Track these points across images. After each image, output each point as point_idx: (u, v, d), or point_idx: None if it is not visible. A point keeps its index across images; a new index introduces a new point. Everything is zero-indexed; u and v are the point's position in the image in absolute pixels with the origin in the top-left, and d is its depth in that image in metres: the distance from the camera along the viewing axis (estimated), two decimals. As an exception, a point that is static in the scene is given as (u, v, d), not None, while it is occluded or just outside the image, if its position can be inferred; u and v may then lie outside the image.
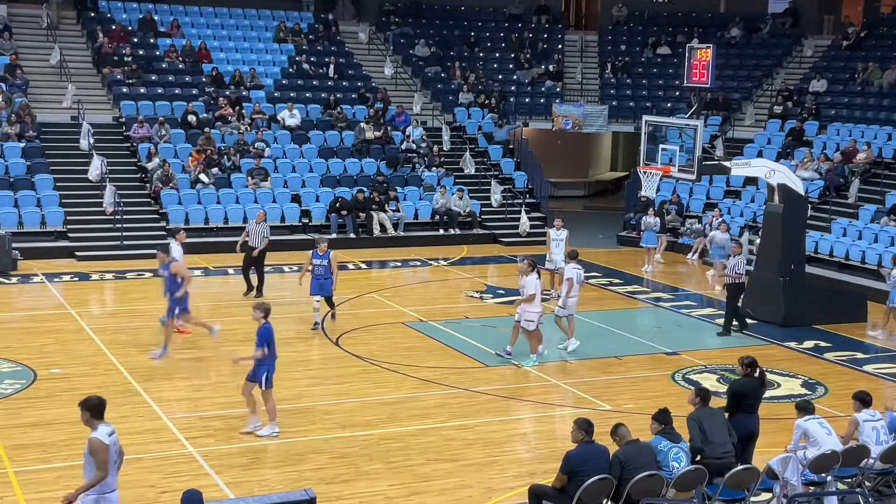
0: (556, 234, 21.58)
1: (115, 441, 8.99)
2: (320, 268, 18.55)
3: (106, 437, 8.86)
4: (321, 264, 18.56)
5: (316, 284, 18.61)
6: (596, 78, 37.03)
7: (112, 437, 8.95)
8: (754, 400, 11.70)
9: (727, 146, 31.56)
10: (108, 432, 8.93)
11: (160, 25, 33.47)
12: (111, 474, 8.89)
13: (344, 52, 35.16)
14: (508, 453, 13.12)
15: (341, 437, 13.45)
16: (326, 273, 18.55)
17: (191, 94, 30.82)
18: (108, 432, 8.94)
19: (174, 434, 13.32)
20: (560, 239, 21.47)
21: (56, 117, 28.91)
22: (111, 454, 8.87)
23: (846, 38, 35.05)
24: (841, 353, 18.56)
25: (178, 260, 18.16)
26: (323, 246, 18.74)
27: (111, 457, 8.88)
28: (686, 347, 18.24)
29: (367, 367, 16.71)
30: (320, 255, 18.61)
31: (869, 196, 27.43)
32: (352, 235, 27.61)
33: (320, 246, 18.77)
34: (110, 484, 8.89)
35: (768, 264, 21.03)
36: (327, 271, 18.56)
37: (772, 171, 21.12)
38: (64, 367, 16.13)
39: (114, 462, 8.94)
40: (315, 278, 18.58)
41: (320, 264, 18.58)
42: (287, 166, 29.12)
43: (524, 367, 16.73)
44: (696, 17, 39.01)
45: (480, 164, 31.75)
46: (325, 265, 18.54)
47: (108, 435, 8.90)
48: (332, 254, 18.76)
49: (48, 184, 26.23)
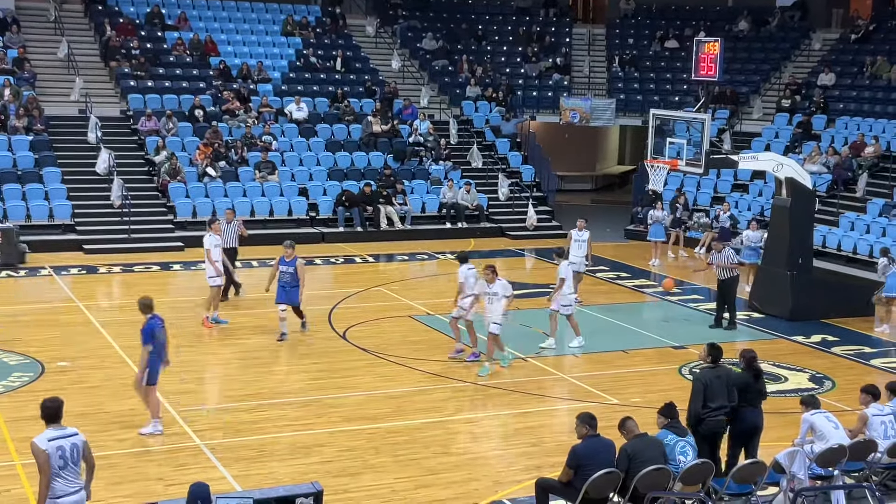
0: (578, 235, 20.98)
1: (64, 446, 8.71)
2: (286, 275, 17.30)
3: (44, 443, 8.63)
4: (287, 271, 17.31)
5: (282, 292, 17.37)
6: (603, 71, 36.97)
7: (57, 443, 8.68)
8: (753, 394, 11.61)
9: (735, 140, 31.50)
10: (49, 437, 8.69)
11: (168, 19, 33.48)
12: (58, 479, 8.63)
13: (351, 46, 35.15)
14: (515, 447, 13.12)
15: (348, 430, 13.47)
16: (293, 280, 17.30)
17: (198, 87, 30.83)
18: (51, 437, 8.69)
19: (182, 427, 13.34)
20: (582, 240, 20.90)
21: (64, 111, 28.95)
22: (53, 459, 8.60)
23: (855, 32, 34.94)
24: (848, 347, 18.53)
25: (213, 251, 18.31)
26: (290, 251, 17.44)
27: (53, 461, 8.59)
28: (693, 341, 18.19)
29: (373, 360, 16.72)
30: (287, 262, 17.38)
31: (877, 190, 27.35)
32: (359, 229, 27.63)
33: (287, 251, 17.47)
34: (56, 490, 8.63)
35: (776, 258, 20.99)
36: (294, 279, 17.29)
37: (779, 164, 21.07)
38: (72, 360, 16.16)
39: (60, 467, 8.64)
40: (281, 286, 17.34)
41: (286, 271, 17.33)
42: (294, 160, 29.13)
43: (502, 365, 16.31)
44: (704, 10, 38.90)
45: (488, 158, 31.74)
46: (291, 272, 17.27)
47: (48, 440, 8.65)
48: (300, 261, 17.48)
49: (56, 177, 26.27)
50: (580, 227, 21.07)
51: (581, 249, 20.77)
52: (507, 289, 16.01)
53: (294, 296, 17.39)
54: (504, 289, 15.95)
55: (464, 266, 17.01)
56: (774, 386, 16.01)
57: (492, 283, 15.94)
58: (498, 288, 15.90)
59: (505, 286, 15.99)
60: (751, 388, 11.54)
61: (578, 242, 20.89)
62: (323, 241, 26.95)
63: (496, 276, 16.00)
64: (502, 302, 15.92)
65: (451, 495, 11.54)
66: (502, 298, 15.87)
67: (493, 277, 15.91)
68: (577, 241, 20.91)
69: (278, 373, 15.90)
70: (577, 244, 20.87)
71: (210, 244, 18.44)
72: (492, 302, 15.94)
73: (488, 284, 15.98)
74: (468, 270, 16.85)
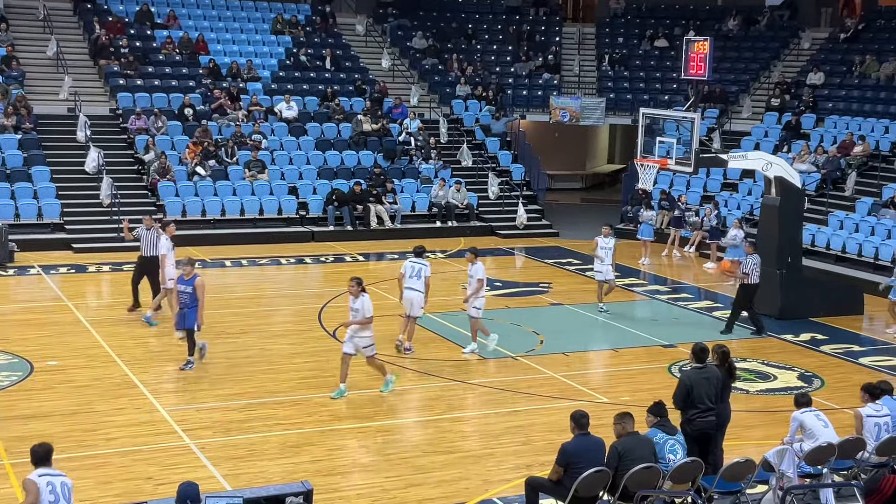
0: (605, 242, 19.92)
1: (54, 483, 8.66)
2: (185, 295, 15.44)
3: (36, 477, 8.62)
4: (185, 290, 15.44)
5: (178, 316, 15.69)
6: (593, 70, 37.00)
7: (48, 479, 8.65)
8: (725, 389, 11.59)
9: (724, 139, 31.57)
10: (40, 473, 8.66)
11: (157, 17, 33.39)
12: None
13: (341, 44, 35.12)
14: (505, 445, 13.13)
15: (338, 429, 13.47)
16: (192, 301, 15.39)
17: (188, 86, 30.76)
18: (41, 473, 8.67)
19: (171, 426, 13.32)
20: (609, 247, 19.85)
21: (53, 109, 28.85)
22: (44, 493, 8.55)
23: (844, 31, 35.04)
24: (837, 345, 18.59)
25: (168, 254, 17.99)
26: (188, 269, 15.50)
27: (44, 496, 8.54)
28: (682, 340, 18.22)
29: (363, 359, 16.67)
30: (185, 281, 15.47)
31: (866, 189, 27.44)
32: (349, 228, 27.60)
33: (185, 269, 15.58)
34: None
35: (765, 257, 20.98)
36: (192, 299, 15.38)
37: (769, 163, 21.12)
38: (61, 360, 16.12)
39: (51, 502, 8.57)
40: (180, 308, 15.62)
41: (185, 290, 15.45)
42: (284, 158, 29.10)
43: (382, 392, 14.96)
44: (694, 9, 38.97)
45: (478, 157, 31.74)
46: (189, 292, 15.38)
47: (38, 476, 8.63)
48: (200, 279, 15.46)
49: (45, 176, 26.20)
50: (605, 233, 20.14)
51: (608, 257, 19.86)
52: (367, 308, 14.30)
53: (191, 318, 15.45)
54: (363, 306, 14.27)
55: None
56: (763, 384, 16.08)
57: (356, 297, 14.33)
58: (359, 304, 14.32)
59: (364, 303, 14.27)
60: (725, 384, 11.59)
61: (605, 250, 19.89)
62: (313, 239, 26.93)
63: (362, 290, 14.40)
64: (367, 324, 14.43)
65: (441, 494, 11.55)
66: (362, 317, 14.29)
67: (357, 291, 14.33)
68: (604, 249, 19.90)
69: (268, 372, 15.88)
70: (603, 251, 19.90)
71: (167, 248, 18.07)
72: (355, 317, 14.40)
73: (353, 299, 14.37)
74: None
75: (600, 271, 20.09)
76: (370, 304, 14.31)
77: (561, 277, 23.82)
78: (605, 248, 19.87)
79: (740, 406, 14.02)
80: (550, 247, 27.69)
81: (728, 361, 11.82)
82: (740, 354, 16.89)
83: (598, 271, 20.17)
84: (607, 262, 19.90)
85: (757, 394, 15.60)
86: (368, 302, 14.29)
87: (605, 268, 19.95)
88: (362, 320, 14.31)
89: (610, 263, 19.96)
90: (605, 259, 19.88)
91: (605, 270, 19.98)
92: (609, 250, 19.88)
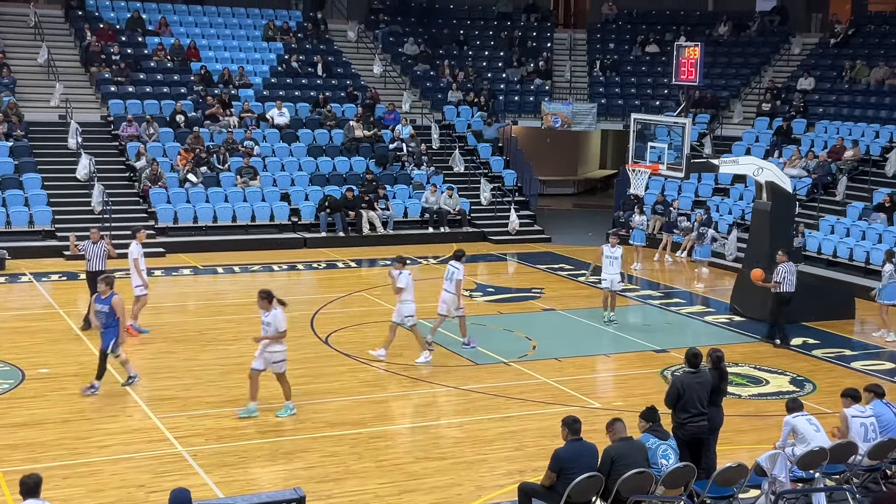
0: (611, 252, 19.66)
1: None
2: (101, 315, 14.72)
3: None
4: (102, 310, 14.70)
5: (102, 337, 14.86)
6: (585, 76, 37.07)
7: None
8: (717, 394, 11.66)
9: (715, 144, 31.63)
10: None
11: (148, 24, 33.39)
12: None
13: (333, 51, 35.14)
14: (498, 451, 13.13)
15: (331, 435, 13.45)
16: (109, 321, 14.64)
17: (179, 92, 30.76)
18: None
19: (163, 433, 13.29)
20: (615, 256, 19.58)
21: (44, 116, 28.82)
22: None
23: (834, 36, 35.15)
24: (829, 349, 18.62)
25: (140, 259, 17.93)
26: (104, 288, 14.71)
27: None
28: (675, 345, 18.26)
29: (356, 365, 16.71)
30: (102, 299, 14.70)
31: (857, 193, 27.52)
32: (341, 234, 27.60)
33: (101, 287, 14.77)
34: None
35: (757, 261, 21.05)
36: (109, 319, 14.63)
37: (760, 168, 21.18)
38: (52, 367, 16.08)
39: None
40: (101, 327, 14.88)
41: (101, 310, 14.72)
42: (276, 165, 29.09)
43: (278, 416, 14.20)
44: (685, 15, 39.06)
45: (470, 163, 31.77)
46: (106, 311, 14.63)
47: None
48: (118, 298, 14.68)
49: (36, 183, 26.16)
50: (613, 243, 19.82)
51: (614, 266, 19.52)
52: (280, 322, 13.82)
53: (107, 338, 14.65)
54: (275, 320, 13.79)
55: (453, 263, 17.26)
56: (756, 389, 16.11)
57: (267, 311, 13.84)
58: (270, 318, 13.83)
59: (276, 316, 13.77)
60: (716, 388, 11.62)
61: (611, 259, 19.57)
62: (305, 246, 26.92)
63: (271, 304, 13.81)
64: None
65: (434, 500, 11.54)
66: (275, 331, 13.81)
67: (267, 305, 13.80)
68: (610, 258, 19.58)
69: (261, 378, 15.82)
70: (608, 261, 19.57)
71: (136, 254, 17.99)
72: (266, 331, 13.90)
73: (264, 313, 13.89)
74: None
75: (605, 279, 19.74)
76: (283, 318, 13.81)
77: (553, 283, 23.85)
78: (610, 258, 19.57)
79: (733, 411, 14.04)
80: (543, 252, 27.72)
81: (721, 366, 11.85)
82: (732, 359, 16.89)
83: (604, 279, 19.83)
84: (613, 270, 19.56)
85: (749, 398, 15.63)
86: (281, 315, 13.81)
87: (612, 277, 19.61)
88: (274, 335, 13.80)
89: (617, 272, 19.61)
90: (611, 268, 19.55)
91: (612, 280, 19.63)
92: (616, 259, 19.58)
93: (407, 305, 16.67)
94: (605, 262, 19.62)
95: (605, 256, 19.65)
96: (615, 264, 19.59)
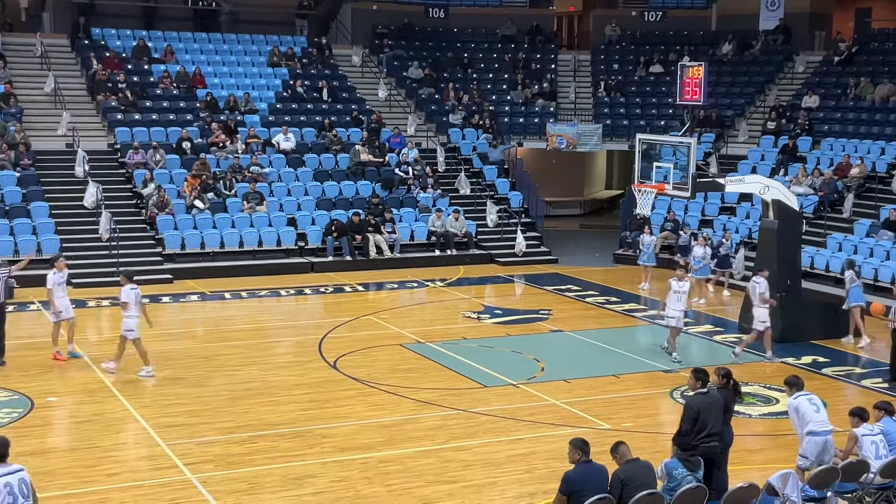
0: (679, 286, 18.53)
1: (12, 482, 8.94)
2: None
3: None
4: None
5: None
6: (589, 97, 37.16)
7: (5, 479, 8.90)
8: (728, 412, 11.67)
9: (721, 163, 31.65)
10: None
11: (154, 52, 33.57)
12: None
13: (338, 75, 35.28)
14: (508, 474, 13.08)
15: (340, 460, 13.41)
16: None
17: (185, 119, 30.88)
18: None
19: (172, 460, 13.27)
20: (683, 291, 18.51)
21: (51, 145, 28.95)
22: (2, 496, 8.75)
23: (837, 54, 35.21)
24: (839, 368, 18.56)
25: (55, 289, 17.97)
26: None
27: (1, 498, 8.75)
28: (684, 365, 18.19)
29: (364, 389, 16.68)
30: None
31: (863, 211, 27.49)
32: (348, 258, 27.61)
33: None
34: None
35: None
36: None
37: (766, 187, 21.18)
38: (61, 396, 16.09)
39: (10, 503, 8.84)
40: None
41: None
42: (282, 190, 29.15)
43: None
44: (688, 35, 39.16)
45: (475, 185, 31.81)
46: None
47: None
48: None
49: (44, 211, 26.23)
50: (680, 276, 18.72)
51: (681, 301, 18.49)
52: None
53: None
54: None
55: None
56: (766, 408, 16.05)
57: None
58: None
59: None
60: (726, 407, 11.60)
61: (678, 294, 18.49)
62: (312, 270, 26.93)
63: None
64: None
65: (445, 524, 11.49)
66: None
67: None
68: (677, 293, 18.49)
69: (269, 404, 15.84)
70: (676, 296, 18.48)
71: (52, 283, 18.05)
72: None
73: None
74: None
75: (672, 317, 18.57)
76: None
77: (561, 304, 23.81)
78: (678, 293, 18.50)
79: (743, 430, 14.00)
80: (550, 273, 27.69)
81: (731, 383, 11.84)
82: (742, 378, 16.81)
83: (671, 317, 18.63)
84: (680, 306, 18.54)
85: (760, 418, 15.57)
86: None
87: (678, 313, 18.55)
88: None
89: (683, 309, 18.66)
90: (678, 303, 18.50)
91: (679, 316, 18.57)
92: (683, 294, 18.56)
93: (129, 320, 17.00)
94: (673, 297, 18.50)
95: (674, 292, 18.52)
96: (682, 299, 18.60)
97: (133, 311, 17.01)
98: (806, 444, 11.62)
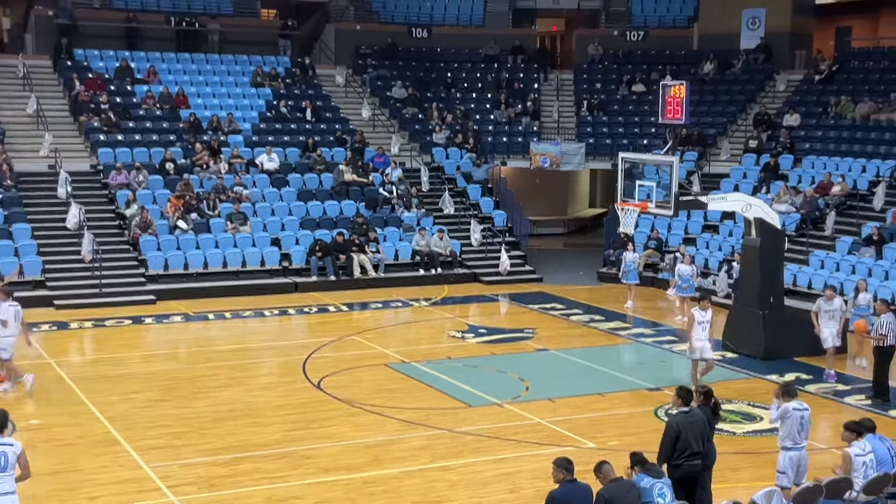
0: (702, 316, 17.75)
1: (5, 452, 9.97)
2: None
3: None
4: None
5: None
6: (572, 116, 37.30)
7: None
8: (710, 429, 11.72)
9: (703, 181, 31.78)
10: None
11: (137, 73, 33.54)
12: None
13: (321, 95, 35.32)
14: (493, 494, 13.05)
15: (324, 481, 13.37)
16: None
17: (168, 140, 30.84)
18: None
19: (155, 483, 13.19)
20: (706, 321, 17.75)
21: (33, 166, 28.83)
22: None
23: (818, 73, 35.47)
24: (823, 385, 18.61)
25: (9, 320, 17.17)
26: None
27: None
28: (668, 383, 18.21)
29: (349, 409, 16.64)
30: None
31: (845, 228, 27.64)
32: (332, 278, 27.55)
33: None
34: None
35: (747, 297, 21.15)
36: None
37: (748, 205, 21.28)
38: (43, 418, 15.98)
39: None
40: None
41: None
42: (266, 210, 29.12)
43: None
44: (670, 54, 39.39)
45: (459, 204, 31.85)
46: None
47: None
48: None
49: (26, 233, 26.11)
50: (704, 306, 17.89)
51: (705, 332, 17.72)
52: None
53: None
54: None
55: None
56: (750, 426, 16.08)
57: None
58: None
59: None
60: (710, 424, 11.65)
61: (703, 324, 17.73)
62: (296, 290, 26.86)
63: None
64: None
65: (430, 545, 11.46)
66: None
67: None
68: (701, 323, 17.73)
69: (253, 425, 15.78)
70: (700, 326, 17.69)
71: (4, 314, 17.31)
72: None
73: None
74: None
75: (697, 347, 17.78)
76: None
77: (545, 322, 23.83)
78: (703, 323, 17.73)
79: (727, 448, 14.02)
80: (534, 292, 27.71)
81: (712, 401, 11.89)
82: (726, 396, 16.88)
83: (695, 349, 17.83)
84: (704, 336, 17.75)
85: (744, 435, 15.60)
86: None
87: (703, 344, 17.77)
88: None
89: (707, 339, 17.84)
90: (703, 333, 17.75)
91: (702, 347, 17.78)
92: (707, 324, 17.80)
93: (5, 339, 16.94)
94: (697, 328, 17.69)
95: (698, 322, 17.71)
96: (707, 329, 17.85)
97: (12, 329, 16.83)
98: (781, 458, 11.78)
